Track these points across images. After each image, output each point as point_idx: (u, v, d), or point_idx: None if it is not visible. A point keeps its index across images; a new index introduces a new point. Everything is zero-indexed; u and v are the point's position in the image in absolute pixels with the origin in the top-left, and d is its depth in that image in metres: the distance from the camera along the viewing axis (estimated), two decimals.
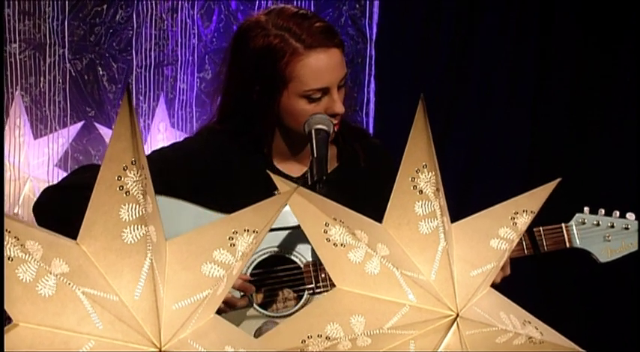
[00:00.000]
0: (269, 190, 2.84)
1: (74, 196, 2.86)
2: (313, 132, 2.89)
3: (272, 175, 1.78)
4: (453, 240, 1.83)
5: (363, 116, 4.82)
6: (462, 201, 4.52)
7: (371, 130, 4.81)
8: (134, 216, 1.49)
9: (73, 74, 4.55)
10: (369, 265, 1.77)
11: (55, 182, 4.55)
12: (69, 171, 4.59)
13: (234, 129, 3.02)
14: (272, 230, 2.78)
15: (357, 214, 1.83)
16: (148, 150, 4.58)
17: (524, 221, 1.88)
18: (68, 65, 4.54)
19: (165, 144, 4.69)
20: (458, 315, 1.79)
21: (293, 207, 1.74)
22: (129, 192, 1.49)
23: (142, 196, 1.49)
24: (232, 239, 1.57)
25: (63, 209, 2.88)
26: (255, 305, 2.95)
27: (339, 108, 2.91)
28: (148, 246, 1.49)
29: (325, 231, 1.76)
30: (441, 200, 1.81)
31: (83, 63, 4.56)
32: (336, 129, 2.96)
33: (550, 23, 4.61)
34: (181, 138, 4.61)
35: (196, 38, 4.68)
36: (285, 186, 1.73)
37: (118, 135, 1.50)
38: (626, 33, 4.52)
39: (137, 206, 1.49)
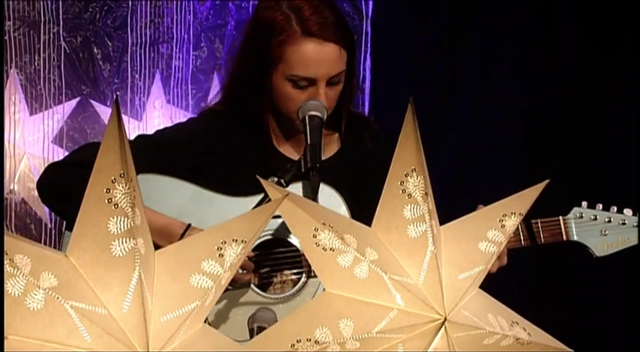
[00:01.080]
0: (270, 172, 2.88)
1: (77, 174, 2.88)
2: (307, 118, 2.92)
3: (262, 180, 1.79)
4: (441, 243, 1.85)
5: (359, 93, 4.82)
6: (455, 201, 4.52)
7: (366, 107, 4.81)
8: (123, 229, 1.50)
9: (68, 52, 4.54)
10: (358, 269, 1.79)
11: (54, 159, 4.59)
12: (64, 148, 4.60)
13: (236, 110, 3.06)
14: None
15: (346, 219, 1.84)
16: (144, 129, 4.64)
17: (512, 223, 1.89)
18: (63, 43, 4.52)
19: (161, 121, 4.71)
20: (446, 319, 1.80)
21: (283, 213, 1.75)
22: (117, 204, 1.50)
23: (130, 209, 1.50)
24: (221, 249, 1.58)
25: (66, 186, 2.93)
26: (252, 287, 2.98)
27: (323, 102, 2.92)
28: (136, 259, 1.50)
29: (314, 236, 1.78)
30: (429, 204, 1.82)
31: (78, 41, 4.55)
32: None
33: (550, 22, 4.61)
34: (182, 118, 4.65)
35: (192, 15, 4.67)
36: (275, 192, 1.74)
37: (106, 148, 1.51)
38: (626, 33, 4.51)
39: (126, 219, 1.50)
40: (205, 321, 1.59)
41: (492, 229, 1.88)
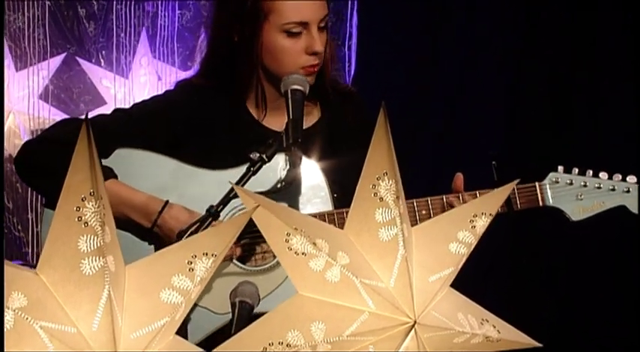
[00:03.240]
0: (250, 142, 2.90)
1: (55, 151, 2.91)
2: (289, 92, 2.93)
3: (236, 188, 1.81)
4: (412, 245, 1.87)
5: (346, 50, 4.81)
6: (436, 185, 4.55)
7: (353, 64, 4.81)
8: (92, 247, 1.52)
9: (53, 10, 4.52)
10: (330, 273, 1.81)
11: (40, 115, 4.60)
12: (49, 104, 4.60)
13: (216, 81, 3.06)
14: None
15: (318, 222, 1.86)
16: (130, 87, 4.64)
17: (482, 224, 1.91)
18: (47, 1, 4.50)
19: (148, 79, 4.71)
20: (415, 322, 1.83)
21: (256, 218, 1.77)
22: (87, 223, 1.52)
23: (100, 227, 1.52)
24: (191, 263, 1.60)
25: (44, 163, 2.94)
26: (234, 259, 3.01)
27: (319, 46, 2.97)
28: (105, 277, 1.52)
29: (287, 240, 1.80)
30: (400, 207, 1.84)
31: None
32: (315, 70, 2.99)
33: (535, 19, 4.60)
34: (170, 74, 4.64)
35: None
36: (249, 199, 1.76)
37: (76, 167, 1.52)
38: (611, 22, 4.50)
39: (95, 237, 1.52)
40: None
41: (463, 230, 1.90)
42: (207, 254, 1.60)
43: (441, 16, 4.68)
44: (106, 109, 4.65)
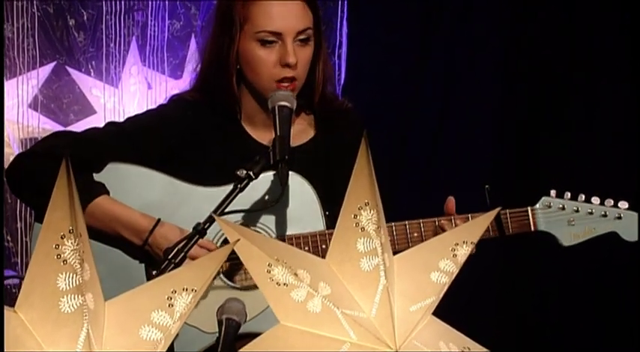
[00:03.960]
0: (242, 158, 2.90)
1: (46, 165, 2.91)
2: (276, 108, 2.92)
3: (217, 219, 1.81)
4: (394, 275, 1.87)
5: (336, 59, 4.81)
6: (426, 189, 4.56)
7: (343, 73, 4.81)
8: (71, 286, 1.52)
9: (42, 20, 4.51)
10: (311, 304, 1.82)
11: (30, 124, 4.59)
12: (39, 112, 4.59)
13: (209, 96, 3.06)
14: (240, 211, 2.85)
15: (300, 253, 1.87)
16: (120, 95, 4.63)
17: (464, 252, 1.92)
18: (37, 12, 4.50)
19: (138, 88, 4.70)
20: None
21: (237, 249, 1.78)
22: (66, 260, 1.52)
23: (79, 265, 1.52)
24: (171, 299, 1.60)
25: (35, 177, 2.94)
26: (221, 276, 3.01)
27: (292, 58, 2.96)
28: (84, 316, 1.52)
29: (268, 271, 1.80)
30: (382, 237, 1.84)
31: (52, 9, 4.52)
32: (292, 88, 2.99)
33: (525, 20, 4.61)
34: (160, 83, 4.63)
35: None
36: (232, 231, 1.76)
37: (55, 204, 1.52)
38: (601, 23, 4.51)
39: (74, 275, 1.52)
40: None
41: (444, 259, 1.90)
42: (187, 289, 1.60)
43: (431, 27, 4.68)
44: (96, 119, 4.65)
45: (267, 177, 2.91)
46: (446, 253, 1.91)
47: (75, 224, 1.52)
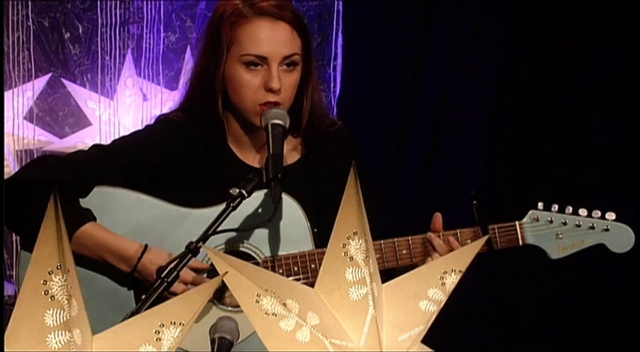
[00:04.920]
0: (229, 180, 2.90)
1: (30, 192, 2.90)
2: (269, 126, 2.92)
3: (207, 250, 1.82)
4: (382, 304, 1.88)
5: (331, 71, 4.82)
6: (425, 189, 4.57)
7: (338, 86, 4.82)
8: (59, 322, 1.52)
9: (37, 33, 4.52)
10: (300, 334, 1.83)
11: (25, 136, 4.59)
12: (34, 124, 4.59)
13: (195, 118, 3.05)
14: (232, 230, 2.86)
15: (290, 282, 1.87)
16: (115, 107, 4.64)
17: (452, 281, 1.92)
18: (32, 25, 4.51)
19: (133, 100, 4.71)
20: None
21: (226, 279, 1.78)
22: (54, 296, 1.52)
23: (66, 301, 1.53)
24: (159, 332, 1.61)
25: (19, 205, 2.91)
26: (212, 299, 3.00)
27: (275, 83, 2.94)
28: None
29: (257, 301, 1.81)
30: (370, 267, 1.85)
31: (47, 22, 4.53)
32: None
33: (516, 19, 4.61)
34: (156, 94, 4.63)
35: None
36: (221, 261, 1.77)
37: (43, 240, 1.53)
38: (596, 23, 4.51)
39: (62, 311, 1.52)
40: None
41: (433, 287, 1.91)
42: (174, 323, 1.60)
43: (424, 40, 4.69)
44: (91, 131, 4.66)
45: (256, 196, 2.90)
46: (434, 282, 1.91)
47: (63, 260, 1.52)
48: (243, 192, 2.80)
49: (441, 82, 4.68)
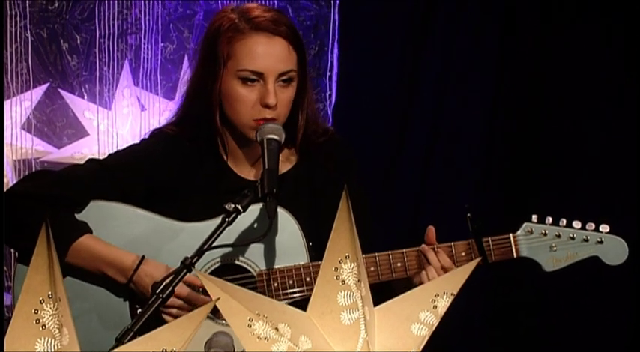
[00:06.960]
0: (225, 193, 2.91)
1: (27, 207, 2.91)
2: (265, 141, 2.93)
3: (199, 275, 1.83)
4: (374, 328, 1.89)
5: (327, 80, 4.84)
6: (421, 195, 4.57)
7: (334, 95, 4.84)
8: (49, 350, 1.53)
9: (35, 44, 4.53)
10: None
11: (24, 146, 4.60)
12: (32, 134, 4.60)
13: (190, 131, 3.05)
14: (228, 245, 2.87)
15: (282, 306, 1.89)
16: (113, 118, 4.65)
17: (444, 303, 1.93)
18: (30, 36, 4.52)
19: (130, 110, 4.72)
20: None
21: (219, 304, 1.79)
22: (45, 325, 1.53)
23: (57, 330, 1.54)
24: None
25: (16, 220, 2.92)
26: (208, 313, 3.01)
27: (271, 99, 2.95)
28: None
29: (249, 325, 1.82)
30: (362, 290, 1.86)
31: (45, 33, 4.54)
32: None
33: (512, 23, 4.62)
34: (154, 104, 4.64)
35: (160, 6, 4.66)
36: (213, 285, 1.78)
37: (35, 268, 1.54)
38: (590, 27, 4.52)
39: (53, 340, 1.53)
40: None
41: (425, 310, 1.92)
42: (166, 350, 1.61)
43: (420, 50, 4.71)
44: (89, 141, 4.67)
45: (251, 210, 2.91)
46: (426, 305, 1.92)
47: (54, 288, 1.53)
48: (239, 207, 2.80)
49: (435, 93, 4.70)
